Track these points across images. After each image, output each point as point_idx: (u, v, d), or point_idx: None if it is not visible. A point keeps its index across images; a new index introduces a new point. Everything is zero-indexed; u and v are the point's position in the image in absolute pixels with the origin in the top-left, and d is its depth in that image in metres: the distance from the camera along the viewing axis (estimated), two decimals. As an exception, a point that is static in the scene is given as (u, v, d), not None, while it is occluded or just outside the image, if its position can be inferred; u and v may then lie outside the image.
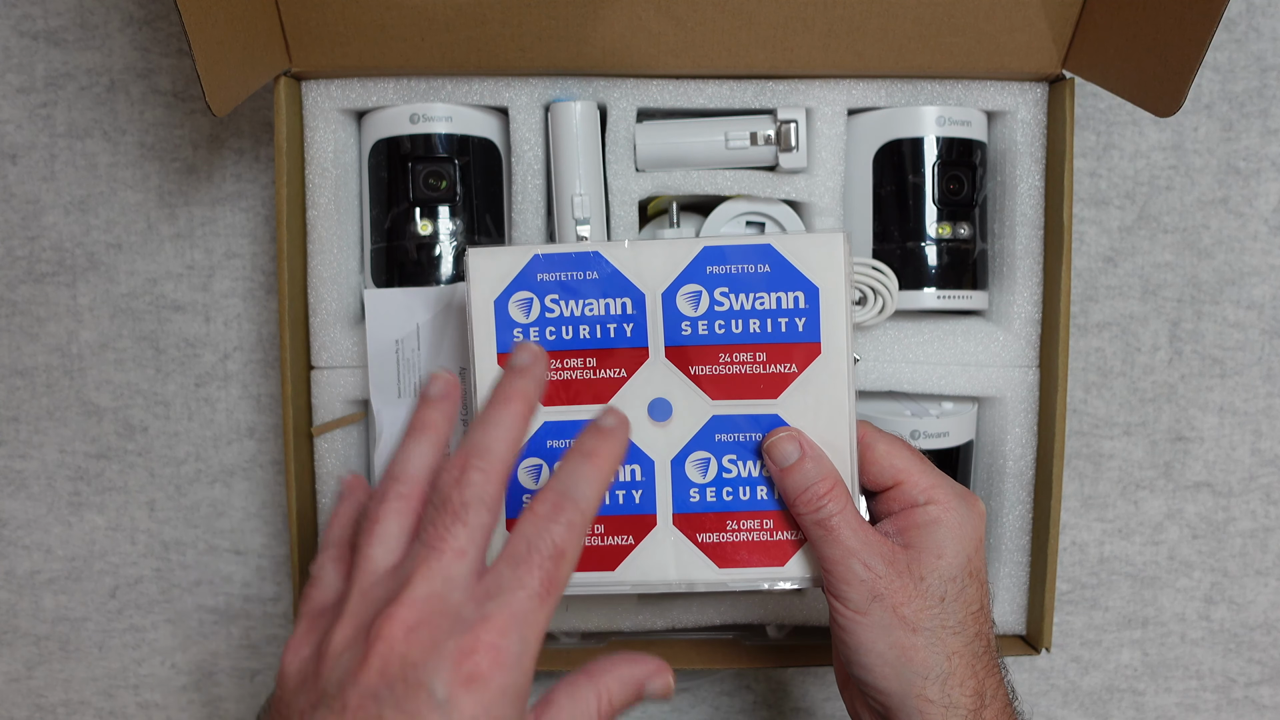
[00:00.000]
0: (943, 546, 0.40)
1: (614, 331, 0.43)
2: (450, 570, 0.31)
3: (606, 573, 0.43)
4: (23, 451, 0.65)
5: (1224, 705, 0.68)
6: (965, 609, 0.40)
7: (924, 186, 0.55)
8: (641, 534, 0.43)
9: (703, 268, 0.42)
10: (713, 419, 0.43)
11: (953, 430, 0.56)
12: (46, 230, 0.64)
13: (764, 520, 0.43)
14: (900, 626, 0.39)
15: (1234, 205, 0.65)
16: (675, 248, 0.42)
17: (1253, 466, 0.66)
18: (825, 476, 0.40)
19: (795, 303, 0.42)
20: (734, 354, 0.42)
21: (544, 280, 0.43)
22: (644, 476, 0.43)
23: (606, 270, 0.42)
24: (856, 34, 0.52)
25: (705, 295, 0.42)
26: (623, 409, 0.40)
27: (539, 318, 0.43)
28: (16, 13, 0.62)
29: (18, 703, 0.66)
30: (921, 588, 0.39)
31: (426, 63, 0.53)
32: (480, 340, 0.43)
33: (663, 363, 0.43)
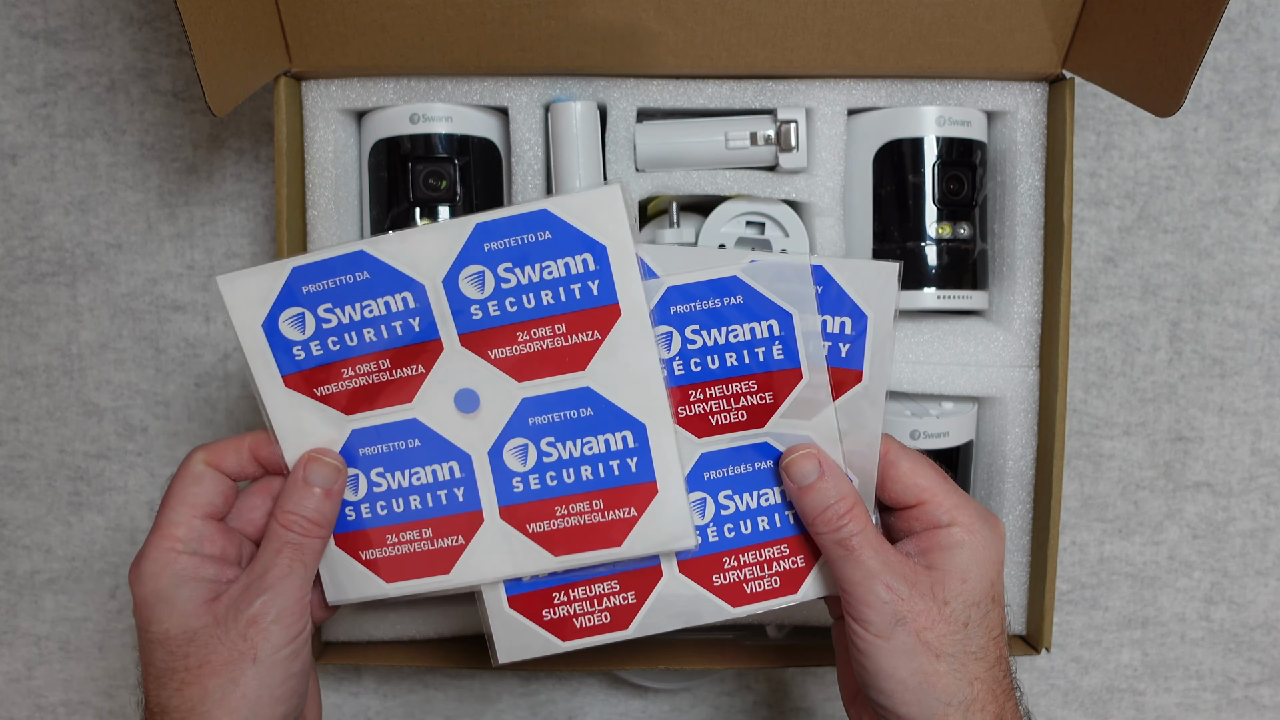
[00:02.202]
0: (967, 570, 0.39)
1: (400, 329, 0.40)
2: None
3: (442, 576, 0.42)
4: (23, 451, 0.65)
5: (1224, 705, 0.68)
6: (988, 634, 0.39)
7: (924, 186, 0.55)
8: (471, 532, 0.41)
9: (480, 246, 0.40)
10: (523, 402, 0.41)
11: (953, 430, 0.56)
12: (46, 230, 0.64)
13: (593, 501, 0.41)
14: (924, 652, 0.38)
15: (1234, 205, 0.65)
16: (446, 230, 0.40)
17: (1253, 466, 0.66)
18: (844, 495, 0.39)
19: (585, 265, 0.40)
20: (531, 330, 0.40)
21: (311, 291, 0.40)
22: (463, 472, 0.41)
23: (377, 267, 0.40)
24: (856, 34, 0.52)
25: (489, 275, 0.40)
26: (427, 406, 0.40)
27: (315, 331, 0.40)
28: (16, 13, 0.63)
29: (18, 703, 0.66)
30: (946, 612, 0.38)
31: (426, 63, 0.53)
32: (259, 368, 0.41)
33: (459, 351, 0.40)
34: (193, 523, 0.39)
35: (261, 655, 0.37)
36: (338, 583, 0.42)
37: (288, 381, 0.41)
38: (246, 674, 0.37)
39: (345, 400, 0.41)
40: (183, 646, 0.37)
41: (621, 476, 0.41)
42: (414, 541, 0.42)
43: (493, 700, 0.67)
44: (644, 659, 0.57)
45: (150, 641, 0.38)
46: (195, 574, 0.38)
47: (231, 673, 0.37)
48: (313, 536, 0.39)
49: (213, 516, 0.40)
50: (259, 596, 0.38)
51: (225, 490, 0.41)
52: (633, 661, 0.57)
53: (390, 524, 0.42)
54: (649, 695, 0.67)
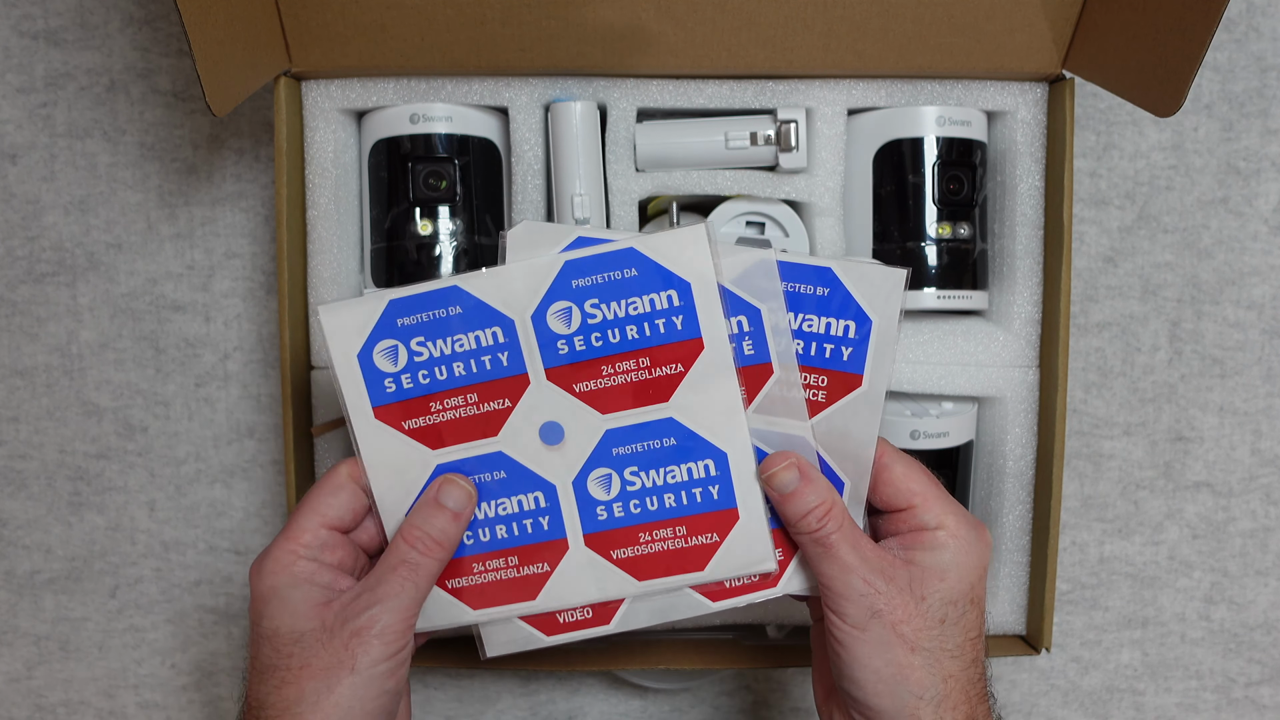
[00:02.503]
0: (947, 569, 0.39)
1: (489, 363, 0.42)
2: None
3: (528, 602, 0.43)
4: (23, 451, 0.65)
5: (1224, 705, 0.68)
6: (964, 634, 0.39)
7: (924, 186, 0.55)
8: (556, 559, 0.42)
9: (568, 283, 0.41)
10: (607, 434, 0.42)
11: (953, 430, 0.56)
12: (46, 230, 0.64)
13: (676, 528, 0.42)
14: (899, 644, 0.38)
15: (1234, 205, 0.65)
16: (536, 268, 0.41)
17: (1253, 466, 0.66)
18: (823, 500, 0.40)
19: (669, 301, 0.41)
20: (616, 364, 0.41)
21: (405, 325, 0.41)
22: (548, 502, 0.42)
23: (469, 302, 0.41)
24: (856, 34, 0.52)
25: (576, 310, 0.41)
26: (513, 439, 0.41)
27: (408, 364, 0.41)
28: (16, 13, 0.63)
29: (18, 703, 0.67)
30: (922, 608, 0.39)
31: (426, 63, 0.53)
32: (352, 398, 0.42)
33: (545, 385, 0.42)
34: (319, 531, 0.40)
35: (360, 666, 0.38)
36: (425, 612, 0.43)
37: (378, 413, 0.42)
38: (343, 682, 0.37)
39: (432, 434, 0.42)
40: (288, 646, 0.38)
41: (704, 503, 0.42)
42: (500, 570, 0.43)
43: (493, 700, 0.67)
44: (644, 659, 0.57)
45: (259, 637, 0.39)
46: (312, 578, 0.39)
47: (329, 679, 0.37)
48: (432, 557, 0.40)
49: (340, 529, 0.41)
50: (368, 609, 0.38)
51: (358, 507, 0.42)
52: (633, 661, 0.57)
53: (477, 553, 0.43)
54: (649, 695, 0.67)
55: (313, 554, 0.40)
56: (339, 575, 0.41)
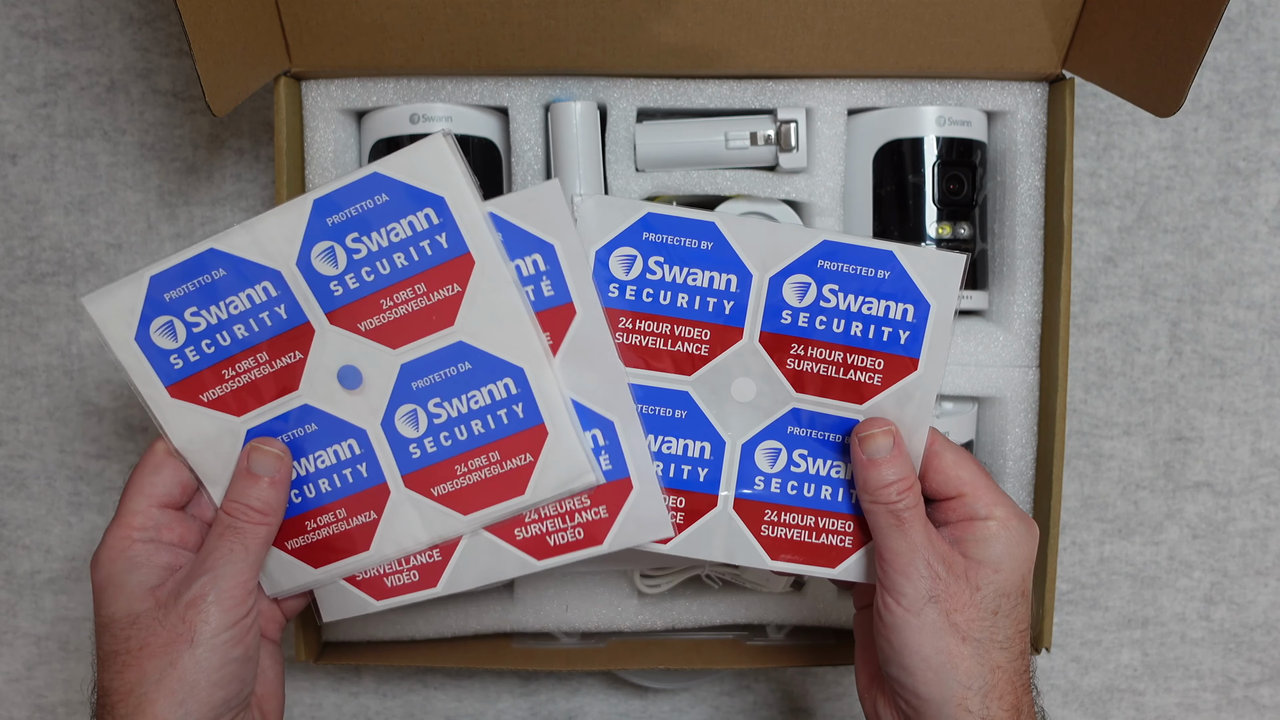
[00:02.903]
0: (1000, 561, 0.40)
1: (269, 319, 0.41)
2: None
3: (364, 554, 0.42)
4: (23, 451, 0.65)
5: (1224, 705, 0.68)
6: (1014, 626, 0.40)
7: (924, 186, 0.55)
8: (381, 505, 0.42)
9: (323, 221, 0.40)
10: (403, 368, 0.41)
11: (953, 430, 0.56)
12: (46, 230, 0.64)
13: (489, 454, 0.41)
14: (951, 633, 0.38)
15: (1234, 205, 0.65)
16: (286, 213, 0.40)
17: (1253, 466, 0.66)
18: (907, 475, 0.40)
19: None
20: (393, 295, 0.41)
21: (174, 298, 0.41)
22: (362, 449, 0.42)
23: (230, 262, 0.40)
24: (856, 34, 0.52)
25: (339, 248, 0.40)
26: (313, 389, 0.41)
27: (188, 337, 0.41)
28: (16, 13, 0.63)
29: (18, 703, 0.66)
30: (977, 598, 0.39)
31: (426, 63, 0.53)
32: (142, 383, 0.41)
33: (331, 330, 0.41)
34: (150, 511, 0.40)
35: (199, 638, 0.38)
36: (271, 576, 0.43)
37: (173, 391, 0.41)
38: (183, 656, 0.37)
39: (233, 402, 0.41)
40: (125, 630, 0.38)
41: (510, 424, 0.41)
42: (331, 524, 0.42)
43: (493, 700, 0.67)
44: (644, 659, 0.57)
45: (99, 627, 0.39)
46: (147, 560, 0.39)
47: (169, 655, 0.37)
48: (258, 524, 0.40)
49: (171, 506, 0.41)
50: (198, 579, 0.38)
51: (185, 480, 0.41)
52: (633, 661, 0.57)
53: (306, 510, 0.42)
54: (649, 695, 0.67)
55: (148, 535, 0.39)
56: (178, 553, 0.40)
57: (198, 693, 0.37)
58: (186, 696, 0.37)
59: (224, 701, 0.38)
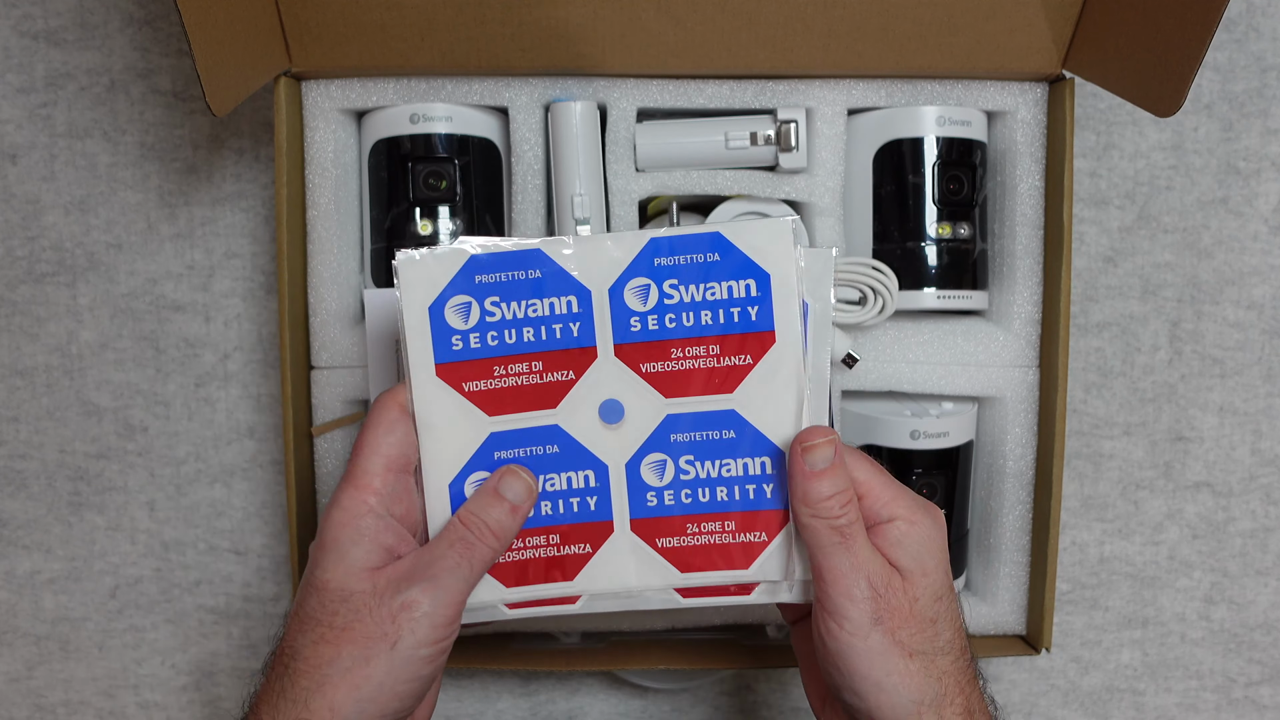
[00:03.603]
0: (925, 563, 0.38)
1: (560, 332, 0.41)
2: None
3: (565, 583, 0.41)
4: (23, 451, 0.65)
5: (1224, 705, 0.68)
6: (952, 626, 0.39)
7: (924, 186, 0.55)
8: (599, 541, 0.41)
9: (650, 260, 0.40)
10: (667, 418, 0.41)
11: (953, 430, 0.56)
12: (46, 230, 0.64)
13: (725, 522, 0.41)
14: (898, 652, 0.37)
15: (1234, 205, 0.65)
16: (621, 241, 0.40)
17: (1253, 466, 0.66)
18: (847, 488, 0.38)
19: (747, 291, 0.40)
20: (686, 348, 0.41)
21: (483, 282, 0.40)
22: (598, 482, 0.41)
23: (550, 268, 0.40)
24: (856, 34, 0.52)
25: (654, 289, 0.40)
26: (571, 413, 0.40)
27: (479, 323, 0.40)
28: (16, 13, 0.63)
29: (18, 703, 0.66)
30: (916, 610, 0.38)
31: (426, 63, 0.53)
32: (416, 351, 0.40)
33: (612, 362, 0.41)
34: (386, 475, 0.39)
35: (402, 644, 0.37)
36: None
37: (439, 371, 0.41)
38: (380, 656, 0.37)
39: (491, 399, 0.41)
40: (335, 603, 0.37)
41: (756, 500, 0.41)
42: (541, 547, 0.42)
43: (493, 700, 0.67)
44: (644, 659, 0.57)
45: (309, 585, 0.38)
46: (374, 536, 0.38)
47: (368, 649, 0.37)
48: (486, 545, 0.39)
49: (404, 469, 0.40)
50: (420, 583, 0.37)
51: (413, 445, 0.40)
52: (633, 661, 0.57)
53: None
54: (649, 695, 0.67)
55: (383, 504, 0.39)
56: (402, 537, 0.39)
57: (379, 696, 0.37)
58: (367, 696, 0.36)
59: (395, 712, 0.38)
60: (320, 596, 0.37)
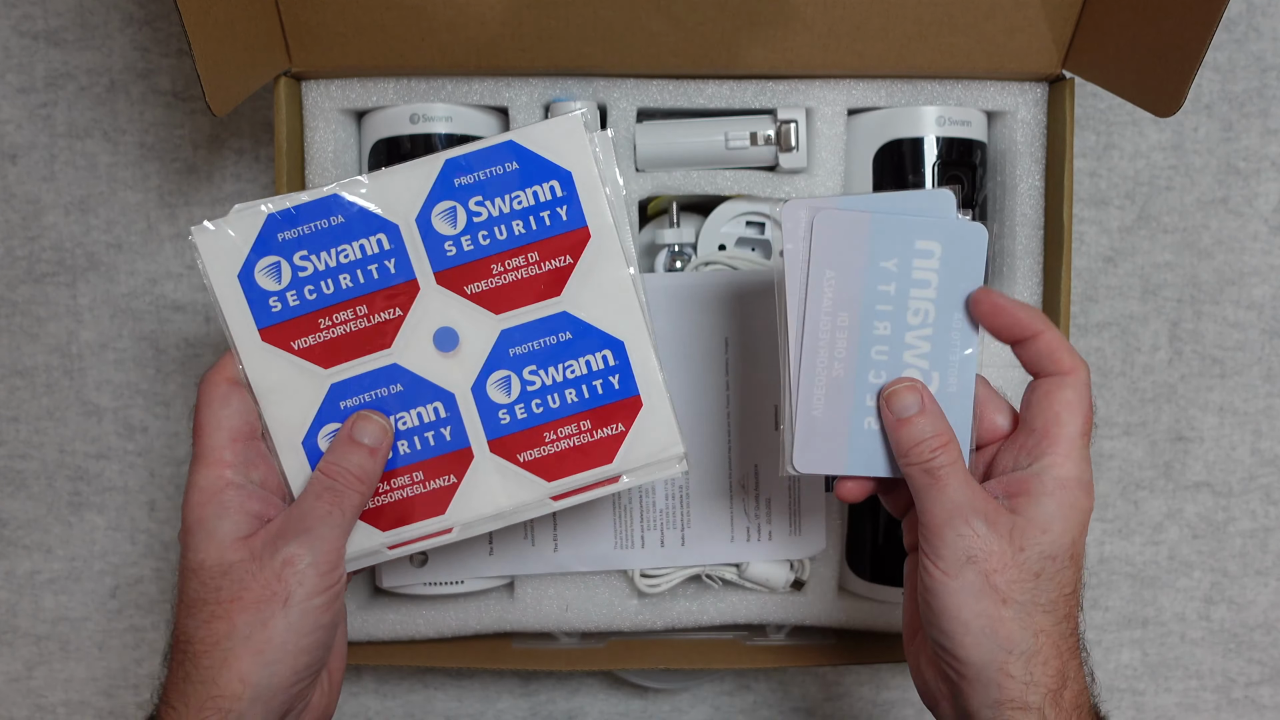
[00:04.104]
0: (1050, 521, 0.37)
1: (376, 272, 0.40)
2: None
3: (438, 517, 0.42)
4: (23, 451, 0.65)
5: (1224, 705, 0.68)
6: (1059, 589, 0.38)
7: (924, 186, 0.55)
8: (462, 470, 0.41)
9: (450, 182, 0.40)
10: (502, 334, 0.41)
11: (953, 430, 0.56)
12: (46, 230, 0.64)
13: (580, 423, 0.41)
14: (991, 595, 0.37)
15: (1234, 205, 0.65)
16: (416, 169, 0.40)
17: (1253, 466, 0.66)
18: (939, 431, 0.39)
19: (552, 193, 0.40)
20: (505, 261, 0.41)
21: (286, 239, 0.40)
22: (448, 412, 0.41)
23: (351, 210, 0.40)
24: (856, 34, 0.52)
25: (461, 210, 0.40)
26: (406, 349, 0.40)
27: (292, 280, 0.40)
28: (16, 13, 0.63)
29: (18, 703, 0.67)
30: (1020, 559, 0.37)
31: (426, 63, 0.53)
32: (236, 322, 0.40)
33: (436, 290, 0.41)
34: (234, 446, 0.39)
35: (294, 599, 0.37)
36: None
37: (264, 335, 0.41)
38: (276, 616, 0.37)
39: (323, 352, 0.41)
40: (215, 579, 0.37)
41: (605, 395, 0.41)
42: (406, 486, 0.42)
43: (493, 700, 0.67)
44: (644, 659, 0.57)
45: (186, 569, 0.38)
46: (239, 506, 0.38)
47: (261, 613, 0.37)
48: (355, 490, 0.39)
49: (251, 437, 0.40)
50: (296, 537, 0.38)
51: (252, 412, 0.40)
52: (633, 661, 0.57)
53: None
54: (649, 695, 0.67)
55: (240, 474, 0.39)
56: (268, 502, 0.40)
57: (285, 656, 0.37)
58: (274, 659, 0.37)
59: (306, 666, 0.38)
60: (200, 576, 0.37)
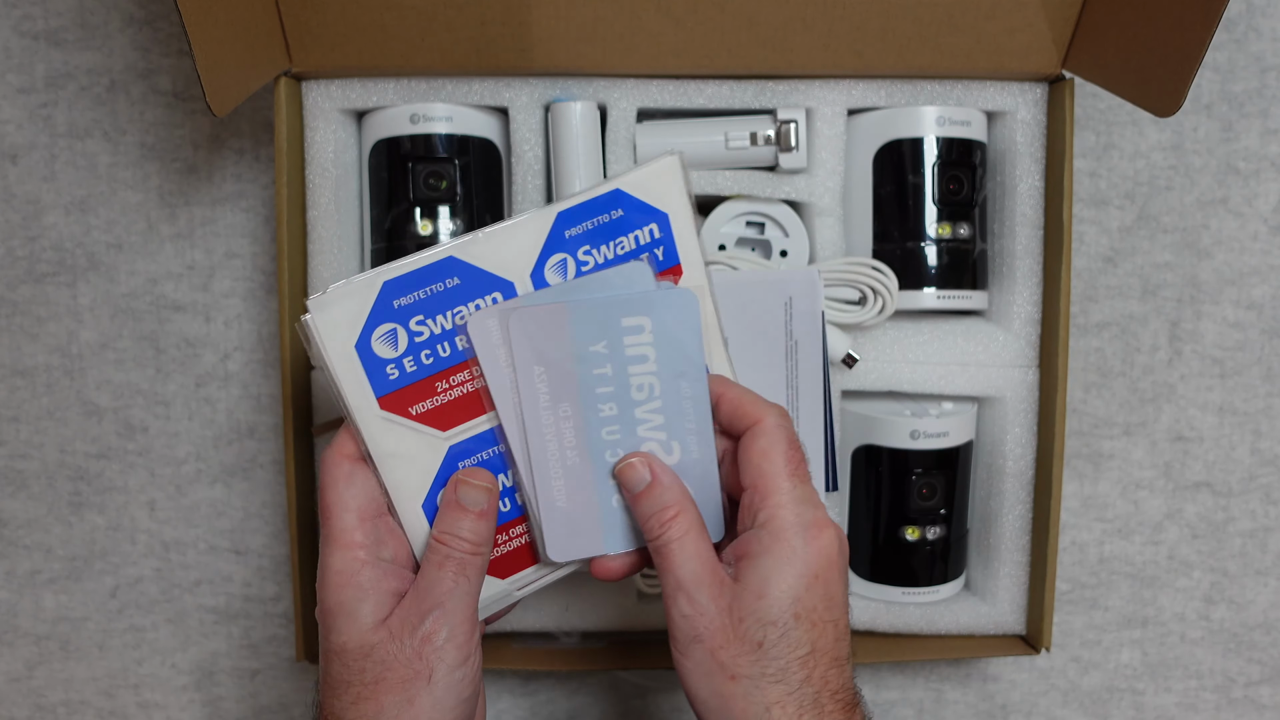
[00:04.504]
0: (764, 584, 0.36)
1: None
2: None
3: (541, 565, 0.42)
4: (23, 451, 0.65)
5: (1224, 705, 0.68)
6: (788, 654, 0.36)
7: (924, 186, 0.55)
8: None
9: (561, 234, 0.40)
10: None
11: (953, 430, 0.56)
12: (46, 230, 0.64)
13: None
14: (719, 673, 0.36)
15: (1234, 205, 0.65)
16: (530, 224, 0.40)
17: (1253, 466, 0.66)
18: (670, 504, 0.38)
19: (651, 235, 0.41)
20: None
21: (403, 305, 0.39)
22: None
23: (467, 271, 0.40)
24: (856, 34, 0.52)
25: (571, 261, 0.40)
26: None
27: (409, 345, 0.39)
28: (16, 13, 0.63)
29: (18, 703, 0.67)
30: (740, 630, 0.36)
31: (426, 63, 0.53)
32: (353, 394, 0.39)
33: None
34: (364, 526, 0.39)
35: (437, 676, 0.37)
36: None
37: (383, 404, 0.40)
38: (421, 693, 0.37)
39: (441, 417, 0.40)
40: (359, 661, 0.37)
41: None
42: (522, 535, 0.42)
43: (493, 700, 0.67)
44: (644, 659, 0.57)
45: (329, 651, 0.38)
46: (376, 587, 0.38)
47: (407, 691, 0.37)
48: (471, 555, 0.39)
49: (379, 514, 0.40)
50: (430, 613, 0.37)
51: (375, 483, 0.40)
52: (633, 661, 0.57)
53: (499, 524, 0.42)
54: (649, 695, 0.67)
55: (371, 553, 0.39)
56: (403, 578, 0.39)
57: None
58: None
59: None
60: (343, 659, 0.38)
